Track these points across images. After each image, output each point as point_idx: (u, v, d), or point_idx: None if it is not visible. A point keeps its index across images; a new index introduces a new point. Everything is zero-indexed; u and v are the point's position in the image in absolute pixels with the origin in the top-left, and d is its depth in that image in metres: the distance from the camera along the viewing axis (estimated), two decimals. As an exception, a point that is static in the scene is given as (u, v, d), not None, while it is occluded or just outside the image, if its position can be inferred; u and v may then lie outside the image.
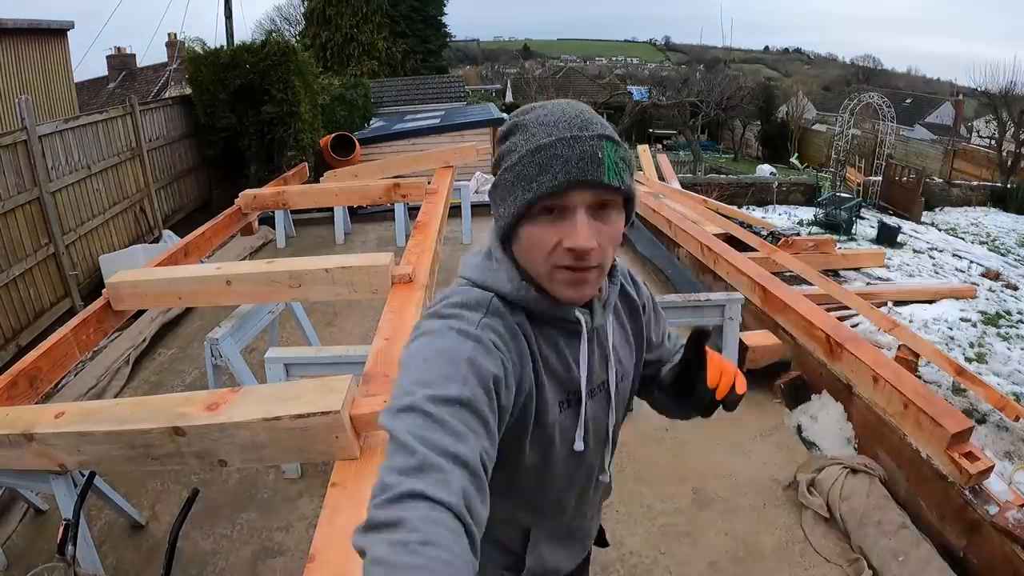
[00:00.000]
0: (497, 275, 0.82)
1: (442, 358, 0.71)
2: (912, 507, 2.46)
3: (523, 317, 0.81)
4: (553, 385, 0.84)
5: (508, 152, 0.78)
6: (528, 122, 0.77)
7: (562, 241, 0.75)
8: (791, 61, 77.61)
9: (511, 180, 0.77)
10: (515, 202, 0.76)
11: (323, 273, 2.86)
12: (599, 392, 0.90)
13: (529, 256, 0.79)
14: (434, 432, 0.63)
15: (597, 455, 0.94)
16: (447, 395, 0.66)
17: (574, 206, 0.74)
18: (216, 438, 1.75)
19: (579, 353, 0.86)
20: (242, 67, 7.75)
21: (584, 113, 0.78)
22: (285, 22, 25.83)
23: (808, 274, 4.72)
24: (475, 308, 0.78)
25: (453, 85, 16.46)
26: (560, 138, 0.74)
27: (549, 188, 0.73)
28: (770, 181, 13.81)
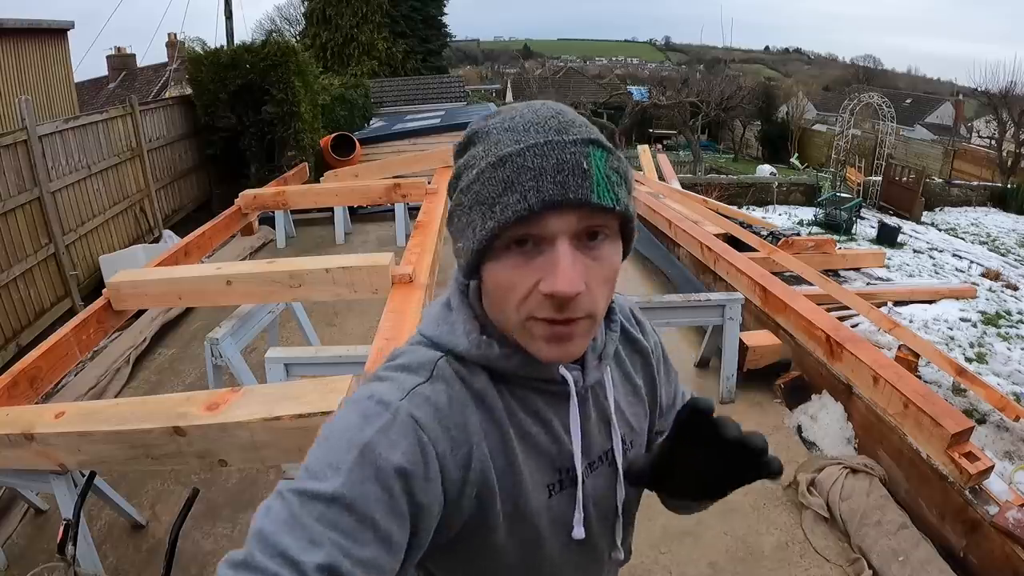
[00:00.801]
0: (452, 329, 0.65)
1: (337, 441, 0.55)
2: (912, 507, 2.47)
3: (486, 381, 0.63)
4: (536, 465, 0.65)
5: (465, 168, 0.60)
6: (491, 128, 0.59)
7: (539, 284, 0.56)
8: (791, 61, 77.66)
9: (468, 204, 0.58)
10: (475, 234, 0.57)
11: (323, 273, 2.87)
12: (601, 464, 0.72)
13: (497, 304, 0.61)
14: (284, 532, 0.49)
15: (605, 537, 0.75)
16: (318, 490, 0.52)
17: (553, 236, 0.56)
18: (216, 438, 1.76)
19: (569, 420, 0.67)
20: (242, 67, 7.76)
21: (563, 113, 0.59)
22: (285, 22, 25.85)
23: (808, 274, 4.72)
24: (416, 371, 0.62)
25: (453, 85, 16.47)
26: (531, 145, 0.55)
27: (517, 213, 0.54)
28: (770, 181, 13.82)
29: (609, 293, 0.61)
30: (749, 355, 3.32)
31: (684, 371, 3.65)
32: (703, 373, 3.60)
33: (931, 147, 20.49)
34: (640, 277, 5.27)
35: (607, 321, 0.72)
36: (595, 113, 20.53)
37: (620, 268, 0.62)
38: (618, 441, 0.72)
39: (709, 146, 25.75)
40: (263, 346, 3.24)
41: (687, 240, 5.25)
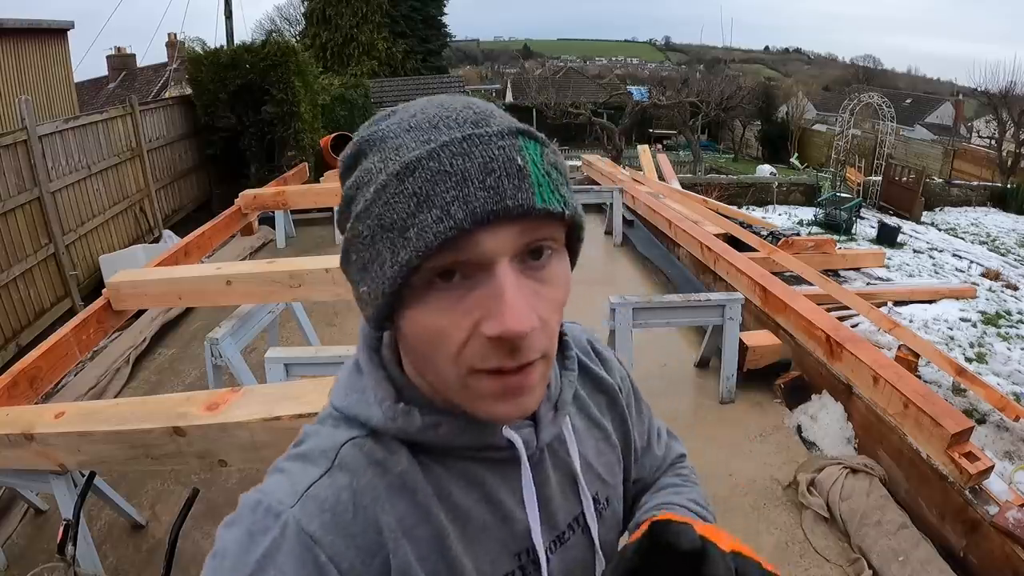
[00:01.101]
0: (363, 398, 0.52)
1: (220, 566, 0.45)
2: (912, 507, 2.47)
3: (408, 461, 0.50)
4: (485, 555, 0.52)
5: (358, 187, 0.46)
6: (384, 132, 0.46)
7: (479, 326, 0.43)
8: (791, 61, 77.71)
9: (369, 233, 0.44)
10: (382, 272, 0.44)
11: (323, 273, 2.87)
12: (572, 534, 0.59)
13: (424, 360, 0.47)
14: None
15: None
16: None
17: (490, 260, 0.43)
18: (216, 438, 1.76)
19: (524, 492, 0.54)
20: (242, 67, 7.76)
21: (475, 104, 0.47)
22: (285, 22, 25.84)
23: (808, 274, 4.72)
24: (314, 462, 0.49)
25: (453, 85, 16.49)
26: (445, 143, 0.42)
27: (439, 235, 0.41)
28: (770, 181, 13.81)
29: (560, 322, 0.49)
30: (749, 355, 3.32)
31: (684, 371, 3.65)
32: (703, 373, 3.60)
33: (931, 147, 20.49)
34: (640, 277, 5.27)
35: (561, 359, 0.59)
36: (595, 113, 20.50)
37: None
38: (589, 503, 0.60)
39: (709, 146, 25.75)
40: (263, 346, 3.24)
41: (687, 240, 5.25)
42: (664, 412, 3.14)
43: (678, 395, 3.41)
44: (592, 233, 6.45)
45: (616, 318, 3.16)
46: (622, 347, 3.18)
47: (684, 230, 5.32)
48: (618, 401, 0.67)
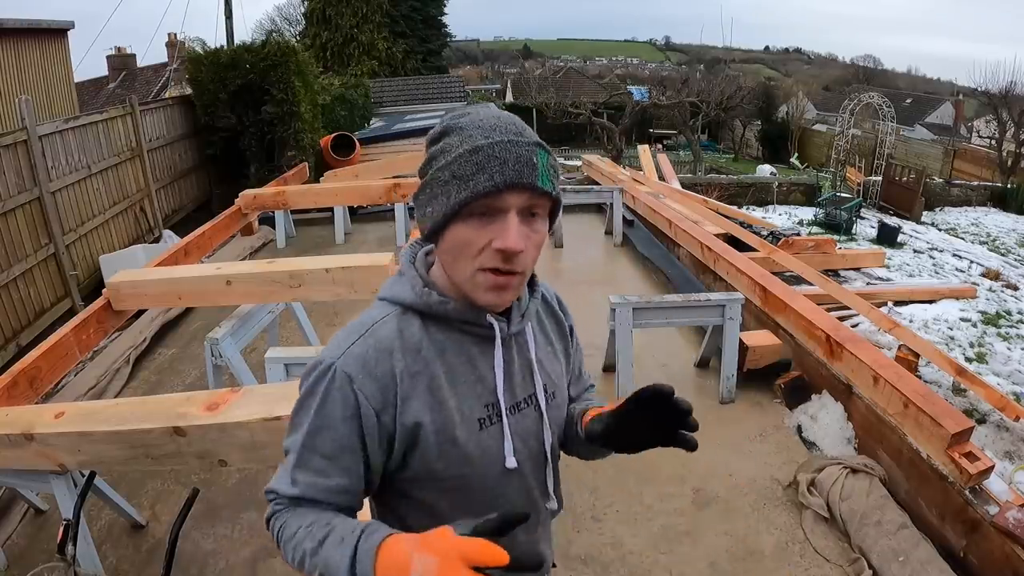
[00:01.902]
0: (402, 287, 0.83)
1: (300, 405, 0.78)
2: (912, 507, 2.46)
3: (417, 326, 0.81)
4: (465, 400, 0.81)
5: (441, 152, 0.77)
6: (463, 125, 0.77)
7: (492, 242, 0.74)
8: (791, 61, 77.66)
9: (445, 179, 0.75)
10: (448, 201, 0.75)
11: (323, 273, 2.87)
12: (527, 407, 0.87)
13: (454, 258, 0.77)
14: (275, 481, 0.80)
15: (536, 478, 0.89)
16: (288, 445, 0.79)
17: (507, 208, 0.74)
18: (216, 438, 1.76)
19: (494, 361, 0.83)
20: (242, 67, 7.76)
21: (518, 122, 0.78)
22: (285, 22, 25.83)
23: (808, 274, 4.72)
24: (357, 330, 0.80)
25: (453, 85, 16.46)
26: (498, 141, 0.73)
27: (486, 188, 0.72)
28: (770, 181, 13.81)
29: (536, 258, 0.79)
30: (749, 355, 3.32)
31: (684, 371, 3.65)
32: (703, 373, 3.60)
33: (931, 147, 20.49)
34: (640, 277, 5.27)
35: (530, 288, 0.90)
36: (595, 113, 20.47)
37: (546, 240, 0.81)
38: (540, 385, 0.88)
39: (709, 146, 25.74)
40: (263, 346, 3.24)
41: (687, 240, 5.25)
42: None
43: (678, 395, 3.40)
44: (592, 233, 6.45)
45: (616, 318, 3.16)
46: (622, 347, 3.18)
47: (684, 230, 5.32)
48: (566, 335, 0.99)
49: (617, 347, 3.19)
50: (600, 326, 3.59)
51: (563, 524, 2.45)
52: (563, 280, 5.24)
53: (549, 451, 0.89)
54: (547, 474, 0.91)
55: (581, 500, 2.59)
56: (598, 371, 3.52)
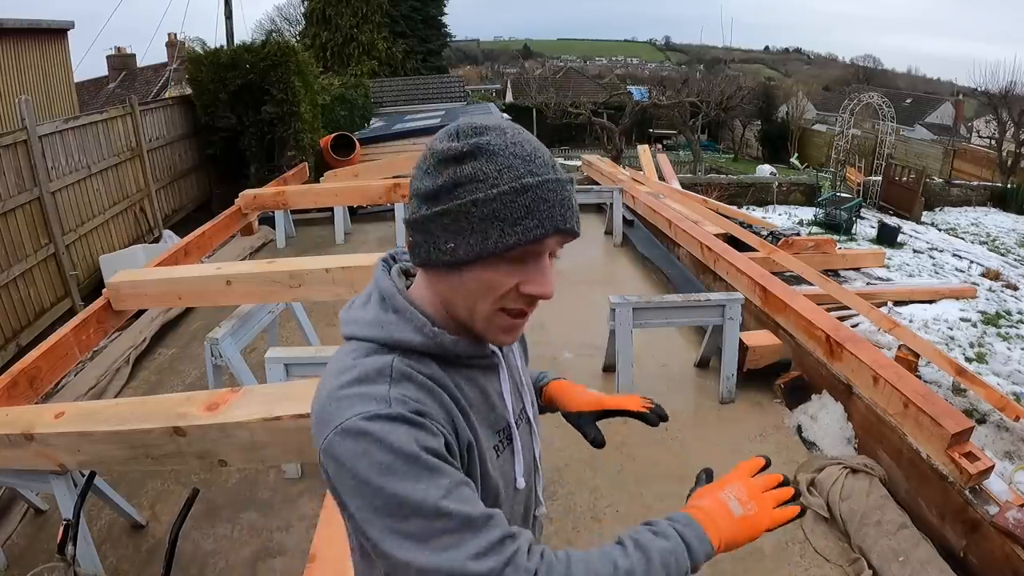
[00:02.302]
0: (399, 327, 0.72)
1: (397, 465, 0.62)
2: (912, 507, 2.46)
3: (434, 367, 0.73)
4: (484, 429, 0.77)
5: (473, 180, 0.67)
6: (495, 148, 0.67)
7: (519, 285, 0.69)
8: (791, 61, 77.67)
9: (481, 216, 0.66)
10: (484, 241, 0.66)
11: (323, 273, 2.87)
12: (522, 422, 0.87)
13: (471, 297, 0.71)
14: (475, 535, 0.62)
15: (531, 490, 0.90)
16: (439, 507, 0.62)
17: (545, 252, 0.70)
18: (216, 438, 1.75)
19: (500, 386, 0.82)
20: (242, 67, 7.75)
21: (544, 148, 0.71)
22: (285, 22, 25.85)
23: (808, 274, 4.72)
24: (376, 380, 0.68)
25: (453, 85, 16.47)
26: (546, 180, 0.67)
27: (536, 236, 0.67)
28: (770, 181, 13.82)
29: None
30: (749, 355, 3.32)
31: (684, 371, 3.65)
32: (703, 373, 3.60)
33: (931, 147, 20.49)
34: (640, 277, 5.27)
35: None
36: (595, 113, 20.48)
37: None
38: (528, 400, 0.90)
39: (709, 146, 25.75)
40: (263, 346, 3.24)
41: (687, 240, 5.25)
42: (664, 412, 3.14)
43: (678, 395, 3.41)
44: (592, 233, 6.45)
45: (616, 318, 3.16)
46: (622, 347, 3.18)
47: (684, 230, 5.32)
48: (524, 340, 0.97)
49: (617, 347, 3.19)
50: (600, 326, 3.59)
51: (563, 524, 2.45)
52: (563, 280, 5.23)
53: (538, 459, 0.91)
54: (537, 481, 0.91)
55: (581, 500, 2.59)
56: (598, 371, 3.52)
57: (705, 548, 0.70)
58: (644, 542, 0.68)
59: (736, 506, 0.74)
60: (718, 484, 0.78)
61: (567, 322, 4.23)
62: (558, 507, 2.55)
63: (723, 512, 0.73)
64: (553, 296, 0.71)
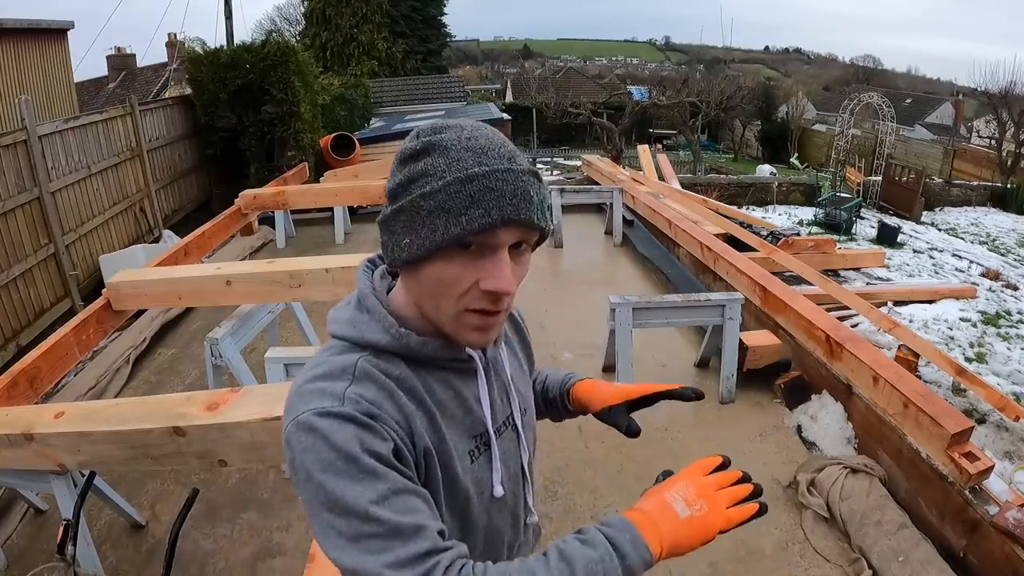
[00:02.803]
0: (369, 327, 0.73)
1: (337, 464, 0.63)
2: (912, 507, 2.46)
3: (403, 367, 0.72)
4: (457, 434, 0.76)
5: (424, 175, 0.67)
6: (448, 143, 0.67)
7: (479, 282, 0.67)
8: (791, 61, 77.65)
9: (429, 208, 0.66)
10: (433, 235, 0.66)
11: (323, 273, 2.87)
12: (506, 429, 0.84)
13: (434, 296, 0.70)
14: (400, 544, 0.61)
15: (518, 498, 0.88)
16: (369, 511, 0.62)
17: (499, 245, 0.67)
18: (216, 438, 1.75)
19: (479, 391, 0.79)
20: (242, 67, 7.75)
21: (507, 143, 0.70)
22: (285, 22, 25.86)
23: (808, 274, 4.72)
24: (338, 377, 0.69)
25: (453, 85, 16.47)
26: (495, 169, 0.66)
27: (482, 225, 0.64)
28: (770, 181, 13.81)
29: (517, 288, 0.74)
30: (749, 355, 3.32)
31: (684, 371, 3.65)
32: (703, 373, 3.60)
33: (931, 147, 20.49)
34: (640, 277, 5.27)
35: None
36: (595, 113, 20.49)
37: None
38: (517, 407, 0.86)
39: (709, 146, 25.75)
40: (263, 346, 3.24)
41: (687, 240, 5.25)
42: (663, 412, 3.14)
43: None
44: (592, 233, 6.45)
45: (616, 318, 3.16)
46: (622, 347, 3.18)
47: (684, 230, 5.32)
48: (527, 341, 0.98)
49: (617, 347, 3.19)
50: (600, 326, 3.59)
51: (563, 524, 2.45)
52: (563, 280, 5.24)
53: (527, 467, 0.89)
54: (526, 491, 0.89)
55: (581, 500, 2.59)
56: (598, 371, 3.51)
57: (641, 554, 0.65)
58: (569, 552, 0.64)
59: (682, 507, 0.69)
60: (666, 484, 0.73)
61: (567, 322, 4.22)
62: (558, 507, 2.55)
63: (666, 514, 0.68)
64: (512, 292, 0.69)
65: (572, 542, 0.65)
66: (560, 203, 6.01)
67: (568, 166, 17.65)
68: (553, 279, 5.27)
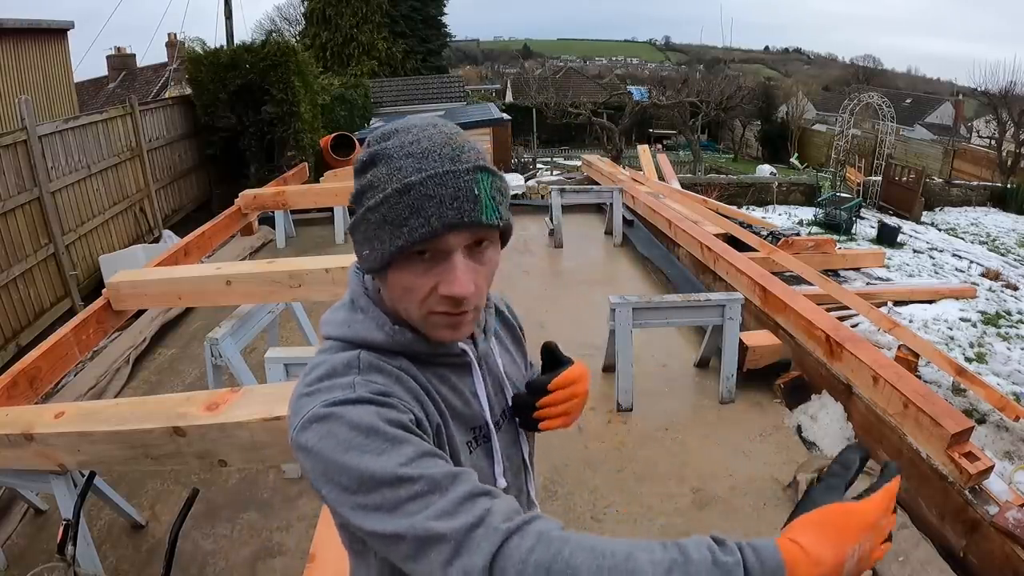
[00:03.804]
0: (364, 326, 0.74)
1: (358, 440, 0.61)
2: (912, 507, 2.47)
3: (403, 361, 0.73)
4: (456, 426, 0.76)
5: (370, 188, 0.67)
6: (391, 151, 0.67)
7: (438, 287, 0.67)
8: (791, 61, 77.60)
9: (376, 221, 0.66)
10: (382, 247, 0.67)
11: (323, 273, 2.87)
12: (504, 422, 0.84)
13: (400, 300, 0.71)
14: (439, 495, 0.59)
15: (520, 490, 0.88)
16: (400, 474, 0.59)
17: (450, 250, 0.67)
18: (216, 438, 1.75)
19: (475, 384, 0.80)
20: (242, 67, 7.76)
21: (455, 138, 0.68)
22: (285, 22, 25.83)
23: (808, 274, 4.72)
24: (344, 372, 0.69)
25: (453, 85, 16.48)
26: (431, 175, 0.64)
27: (422, 235, 0.64)
28: (770, 181, 13.82)
29: (489, 286, 0.74)
30: (749, 355, 3.32)
31: (684, 371, 3.65)
32: (703, 373, 3.60)
33: (931, 147, 20.49)
34: (640, 277, 5.27)
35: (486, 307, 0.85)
36: (595, 113, 20.48)
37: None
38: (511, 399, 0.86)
39: (709, 146, 25.74)
40: (263, 346, 3.24)
41: (687, 240, 5.25)
42: (664, 412, 3.15)
43: (678, 395, 3.41)
44: (592, 233, 6.45)
45: (616, 318, 3.16)
46: (622, 347, 3.18)
47: (684, 230, 5.32)
48: (519, 339, 0.96)
49: (617, 347, 3.19)
50: (600, 326, 3.59)
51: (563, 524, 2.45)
52: (563, 280, 5.24)
53: (527, 460, 0.89)
54: (528, 482, 0.89)
55: (581, 500, 2.59)
56: (598, 371, 3.51)
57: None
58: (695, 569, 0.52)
59: (851, 564, 0.56)
60: (855, 525, 0.57)
61: (567, 322, 4.22)
62: (558, 507, 2.55)
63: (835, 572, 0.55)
64: (468, 294, 0.67)
65: (704, 554, 0.53)
66: (560, 203, 6.01)
67: (568, 166, 17.65)
68: (553, 279, 5.27)
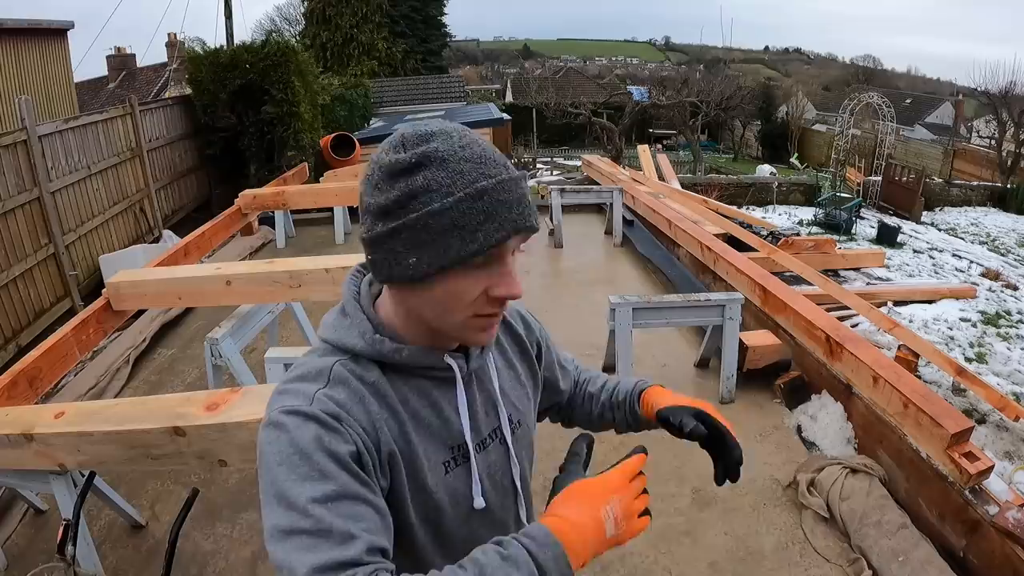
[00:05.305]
0: (348, 332, 0.74)
1: (293, 459, 0.63)
2: (912, 507, 2.46)
3: (377, 373, 0.73)
4: (431, 445, 0.75)
5: (426, 191, 0.65)
6: (444, 155, 0.66)
7: (489, 289, 0.69)
8: (791, 61, 77.59)
9: (441, 227, 0.65)
10: (447, 252, 0.65)
11: (323, 273, 2.87)
12: (492, 442, 0.82)
13: (440, 307, 0.70)
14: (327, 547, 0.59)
15: (508, 511, 0.85)
16: (307, 508, 0.61)
17: (508, 253, 0.69)
18: (216, 438, 1.75)
19: (457, 403, 0.78)
20: (242, 67, 7.75)
21: (491, 146, 0.70)
22: (285, 22, 25.84)
23: (808, 274, 4.72)
24: (313, 379, 0.70)
25: (453, 85, 16.47)
26: (501, 180, 0.66)
27: (498, 239, 0.65)
28: (770, 181, 13.82)
29: None
30: (749, 355, 3.32)
31: (684, 371, 3.65)
32: (703, 373, 3.60)
33: (931, 147, 20.50)
34: (640, 277, 5.27)
35: None
36: (595, 113, 20.47)
37: None
38: (505, 420, 0.83)
39: (709, 146, 25.73)
40: (263, 346, 3.24)
41: (687, 240, 5.25)
42: (664, 412, 3.14)
43: (678, 395, 3.40)
44: (592, 233, 6.45)
45: (616, 318, 3.16)
46: (622, 347, 3.18)
47: (684, 230, 5.32)
48: (530, 354, 0.93)
49: (617, 347, 3.19)
50: (600, 326, 3.59)
51: (563, 524, 2.45)
52: (563, 280, 5.24)
53: (519, 483, 0.86)
54: (519, 506, 0.86)
55: (581, 500, 2.59)
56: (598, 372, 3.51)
57: (563, 571, 0.60)
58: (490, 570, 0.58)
59: (611, 526, 0.65)
60: (599, 490, 0.68)
61: (567, 322, 4.22)
62: (558, 507, 2.54)
63: (598, 533, 0.64)
64: (522, 294, 0.71)
65: (492, 556, 0.60)
66: (560, 203, 6.01)
67: (568, 166, 17.65)
68: (553, 279, 5.27)
